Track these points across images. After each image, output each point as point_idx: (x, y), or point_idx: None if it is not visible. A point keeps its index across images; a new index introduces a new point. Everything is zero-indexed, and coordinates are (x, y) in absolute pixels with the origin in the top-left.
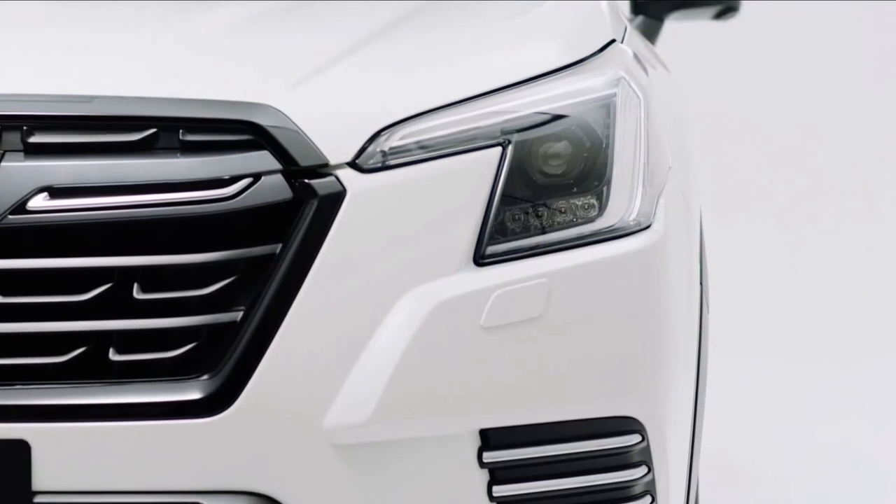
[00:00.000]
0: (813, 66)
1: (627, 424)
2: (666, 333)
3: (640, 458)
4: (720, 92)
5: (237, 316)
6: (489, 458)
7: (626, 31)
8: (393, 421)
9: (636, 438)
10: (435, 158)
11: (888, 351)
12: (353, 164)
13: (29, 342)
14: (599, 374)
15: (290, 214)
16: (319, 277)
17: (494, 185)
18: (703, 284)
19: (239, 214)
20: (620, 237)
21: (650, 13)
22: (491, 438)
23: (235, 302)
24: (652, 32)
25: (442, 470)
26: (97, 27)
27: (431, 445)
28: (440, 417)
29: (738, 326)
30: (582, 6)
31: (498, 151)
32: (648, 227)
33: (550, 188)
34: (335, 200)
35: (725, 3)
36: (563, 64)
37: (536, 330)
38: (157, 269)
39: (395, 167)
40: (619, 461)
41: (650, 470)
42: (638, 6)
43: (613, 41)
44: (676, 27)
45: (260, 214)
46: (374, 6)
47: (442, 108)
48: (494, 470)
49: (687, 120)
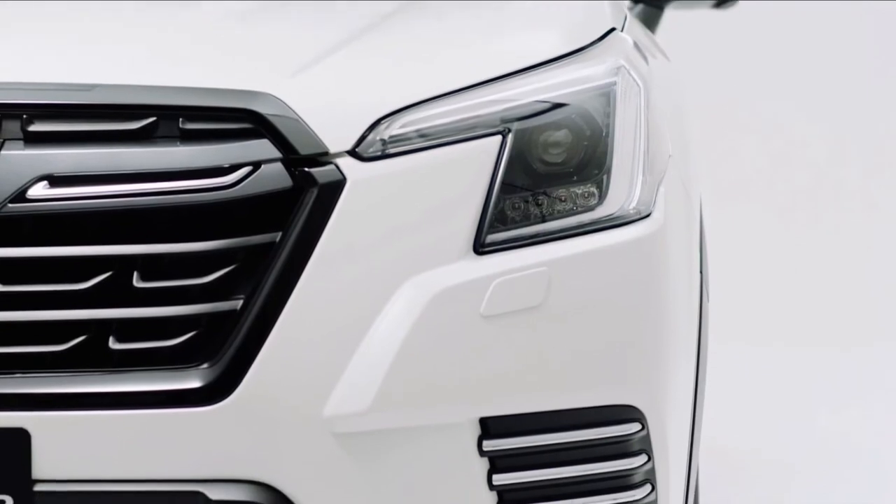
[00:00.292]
0: (813, 53)
1: (627, 413)
2: (666, 322)
3: (639, 446)
4: (720, 80)
5: (237, 304)
6: (489, 446)
7: (626, 19)
8: (393, 410)
9: (636, 427)
10: (435, 147)
11: (889, 339)
12: (353, 152)
13: (29, 330)
14: (599, 362)
15: (289, 203)
16: (319, 266)
17: (494, 173)
18: (703, 273)
19: (239, 203)
20: (620, 226)
21: (650, 1)
22: (491, 427)
23: (235, 290)
24: (652, 21)
25: (442, 458)
26: (96, 17)
27: (431, 434)
28: (440, 406)
29: (738, 315)
30: None
31: (498, 140)
32: (648, 215)
33: (550, 176)
34: (335, 189)
35: None
36: (563, 52)
37: (536, 318)
38: (156, 257)
39: (395, 156)
40: (618, 450)
41: (650, 458)
42: None
43: (613, 30)
44: (676, 15)
45: (260, 203)
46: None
47: (442, 96)
48: (494, 458)
49: (687, 109)
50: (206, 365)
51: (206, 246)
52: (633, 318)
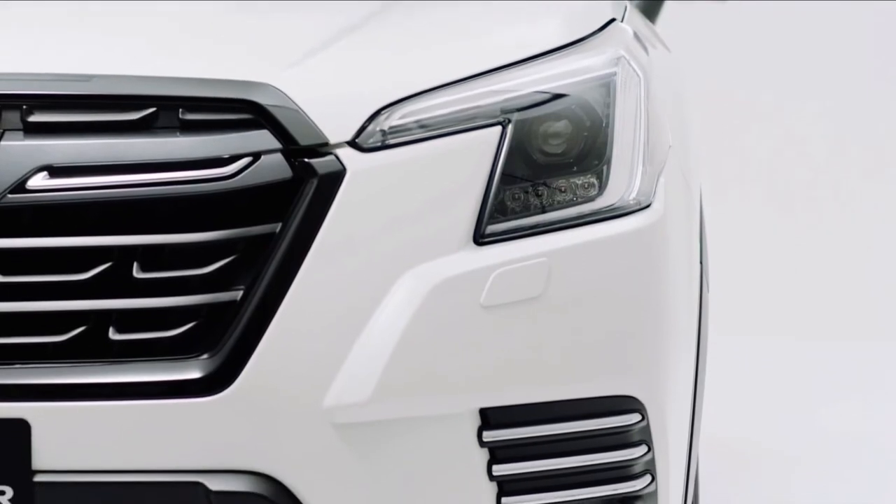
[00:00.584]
0: (814, 43)
1: (627, 403)
2: (666, 312)
3: (639, 437)
4: (720, 71)
5: (237, 295)
6: (489, 437)
7: (626, 9)
8: (393, 400)
9: (636, 417)
10: (435, 137)
11: (891, 330)
12: (352, 143)
13: (29, 321)
14: (599, 353)
15: (289, 193)
16: (319, 256)
17: (494, 164)
18: (702, 263)
19: (238, 193)
20: (620, 216)
21: None
22: (491, 417)
23: (235, 281)
24: (652, 12)
25: (442, 449)
26: (95, 9)
27: (431, 424)
28: (440, 397)
29: (739, 307)
30: None
31: (498, 130)
32: (648, 206)
33: (550, 167)
34: (335, 179)
35: None
36: (563, 43)
37: (536, 309)
38: (156, 248)
39: (394, 146)
40: (618, 440)
41: (650, 449)
42: None
43: (613, 20)
44: (677, 6)
45: (260, 193)
46: None
47: (442, 87)
48: (494, 449)
49: (687, 99)
50: (206, 355)
51: (206, 236)
52: (633, 308)
